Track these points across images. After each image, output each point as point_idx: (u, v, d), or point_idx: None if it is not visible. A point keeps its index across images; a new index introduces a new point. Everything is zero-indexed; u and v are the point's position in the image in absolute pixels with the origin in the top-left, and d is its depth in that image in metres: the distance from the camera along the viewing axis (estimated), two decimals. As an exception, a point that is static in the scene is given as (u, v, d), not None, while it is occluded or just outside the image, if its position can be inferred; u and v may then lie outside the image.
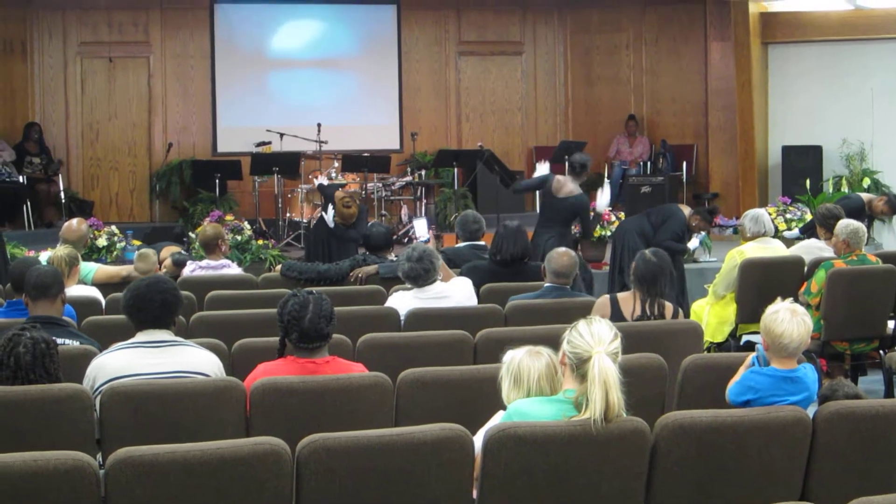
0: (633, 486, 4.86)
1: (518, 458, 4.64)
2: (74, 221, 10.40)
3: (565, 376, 4.87)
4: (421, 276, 8.26)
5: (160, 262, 10.23)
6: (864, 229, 9.67)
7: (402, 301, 8.23)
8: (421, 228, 13.34)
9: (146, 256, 9.80)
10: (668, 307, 7.56)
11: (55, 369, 5.52)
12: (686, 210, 12.03)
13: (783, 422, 5.01)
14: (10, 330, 5.56)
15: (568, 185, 12.10)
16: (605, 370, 4.59)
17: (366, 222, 12.11)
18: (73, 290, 8.46)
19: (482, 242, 10.40)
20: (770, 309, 5.31)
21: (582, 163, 12.31)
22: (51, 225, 16.49)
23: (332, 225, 12.29)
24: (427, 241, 9.56)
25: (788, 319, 5.20)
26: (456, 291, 8.40)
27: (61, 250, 8.88)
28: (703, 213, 11.96)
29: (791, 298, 5.44)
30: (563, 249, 8.44)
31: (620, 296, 7.54)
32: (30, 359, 5.42)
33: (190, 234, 14.31)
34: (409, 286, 8.41)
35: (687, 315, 8.19)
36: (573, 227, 12.70)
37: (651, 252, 7.64)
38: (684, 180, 18.79)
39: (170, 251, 10.95)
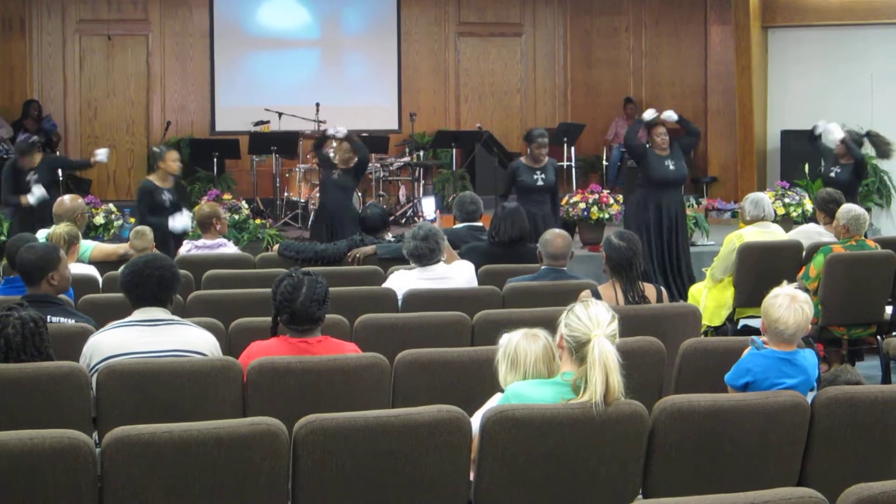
0: (630, 470, 4.85)
1: (516, 440, 4.64)
2: (67, 197, 10.35)
3: (563, 359, 4.85)
4: (426, 255, 8.26)
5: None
6: (866, 214, 9.66)
7: (404, 280, 8.22)
8: (428, 207, 13.33)
9: (143, 234, 9.78)
10: (650, 289, 7.50)
11: (45, 347, 5.51)
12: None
13: (781, 407, 5.00)
14: None
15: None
16: (606, 353, 4.58)
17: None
18: (70, 268, 8.43)
19: (480, 223, 10.39)
20: (772, 293, 5.32)
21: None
22: (71, 178, 16.47)
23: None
24: (434, 221, 9.50)
25: (786, 305, 5.22)
26: (458, 274, 8.39)
27: (61, 228, 8.85)
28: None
29: (796, 283, 5.44)
30: (557, 231, 8.39)
31: (600, 287, 7.43)
32: (20, 339, 5.40)
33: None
34: (412, 265, 8.39)
35: (672, 294, 8.05)
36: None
37: (617, 236, 7.43)
38: (683, 164, 18.74)
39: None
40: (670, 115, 12.55)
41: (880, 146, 12.69)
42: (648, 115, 12.22)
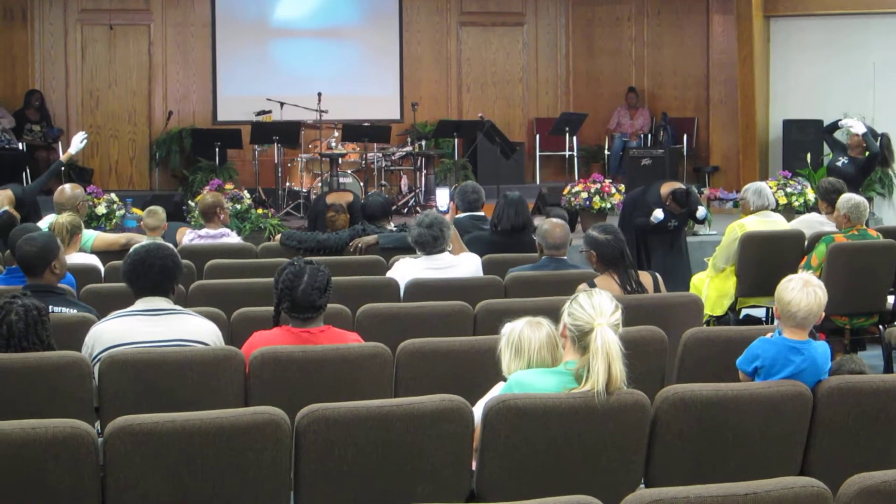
0: (632, 459, 4.86)
1: (518, 429, 4.64)
2: (67, 186, 10.35)
3: (566, 348, 4.86)
4: (429, 242, 8.20)
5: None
6: (866, 203, 9.66)
7: (409, 269, 8.19)
8: (442, 198, 13.24)
9: (155, 212, 9.84)
10: (645, 276, 7.47)
11: (47, 336, 5.51)
12: (668, 187, 11.56)
13: (784, 396, 5.00)
14: (0, 298, 5.54)
15: None
16: (608, 342, 4.58)
17: (360, 210, 11.40)
18: (73, 258, 8.44)
19: (481, 213, 10.38)
20: (786, 278, 5.34)
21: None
22: (50, 192, 16.42)
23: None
24: (446, 212, 9.42)
25: (799, 288, 5.23)
26: (464, 266, 8.34)
27: (63, 217, 8.83)
28: (679, 196, 11.26)
29: (811, 271, 5.47)
30: (555, 221, 8.35)
31: (597, 280, 7.39)
32: (22, 326, 5.41)
33: (189, 202, 14.28)
34: (417, 254, 8.36)
35: (668, 282, 8.02)
36: None
37: (598, 231, 7.36)
38: (685, 153, 18.78)
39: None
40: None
41: (886, 153, 12.70)
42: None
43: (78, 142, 12.12)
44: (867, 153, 12.41)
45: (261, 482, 4.51)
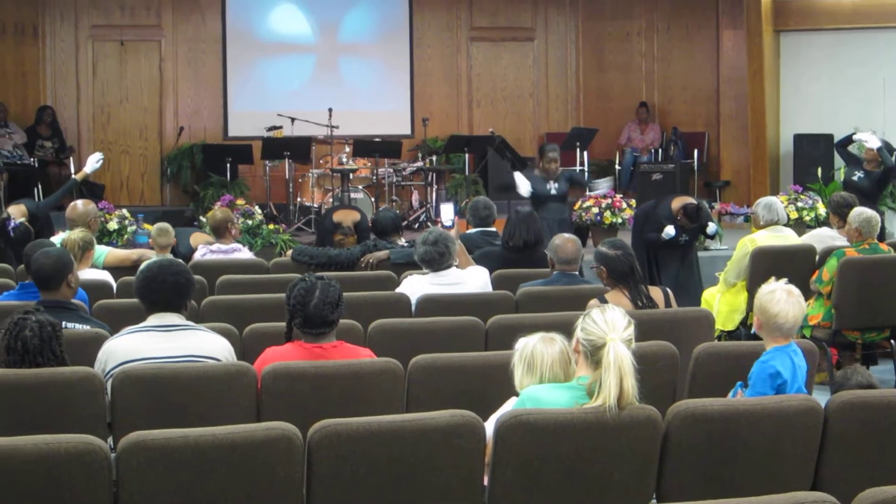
0: (644, 474, 4.85)
1: (530, 445, 4.64)
2: (80, 202, 10.38)
3: (579, 363, 4.87)
4: (435, 259, 8.21)
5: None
6: (878, 218, 9.66)
7: (417, 285, 8.20)
8: (447, 213, 13.37)
9: (166, 231, 9.86)
10: (655, 291, 7.48)
11: (61, 352, 5.53)
12: (679, 202, 11.56)
13: (795, 411, 5.00)
14: (15, 314, 5.55)
15: None
16: (621, 357, 4.59)
17: (368, 230, 11.41)
18: (85, 274, 8.45)
19: (493, 229, 10.39)
20: (765, 288, 5.45)
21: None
22: (61, 208, 16.48)
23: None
24: (451, 227, 9.43)
25: (784, 300, 5.36)
26: (472, 280, 8.35)
27: (76, 234, 8.85)
28: (690, 211, 11.28)
29: (786, 279, 5.51)
30: (567, 236, 8.38)
31: (608, 296, 7.38)
32: (37, 342, 5.42)
33: (200, 217, 14.30)
34: (425, 271, 8.37)
35: (679, 297, 8.03)
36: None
37: (608, 246, 7.42)
38: (695, 168, 18.74)
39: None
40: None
41: None
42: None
43: (94, 162, 12.15)
44: (882, 167, 12.41)
45: (273, 498, 4.52)
